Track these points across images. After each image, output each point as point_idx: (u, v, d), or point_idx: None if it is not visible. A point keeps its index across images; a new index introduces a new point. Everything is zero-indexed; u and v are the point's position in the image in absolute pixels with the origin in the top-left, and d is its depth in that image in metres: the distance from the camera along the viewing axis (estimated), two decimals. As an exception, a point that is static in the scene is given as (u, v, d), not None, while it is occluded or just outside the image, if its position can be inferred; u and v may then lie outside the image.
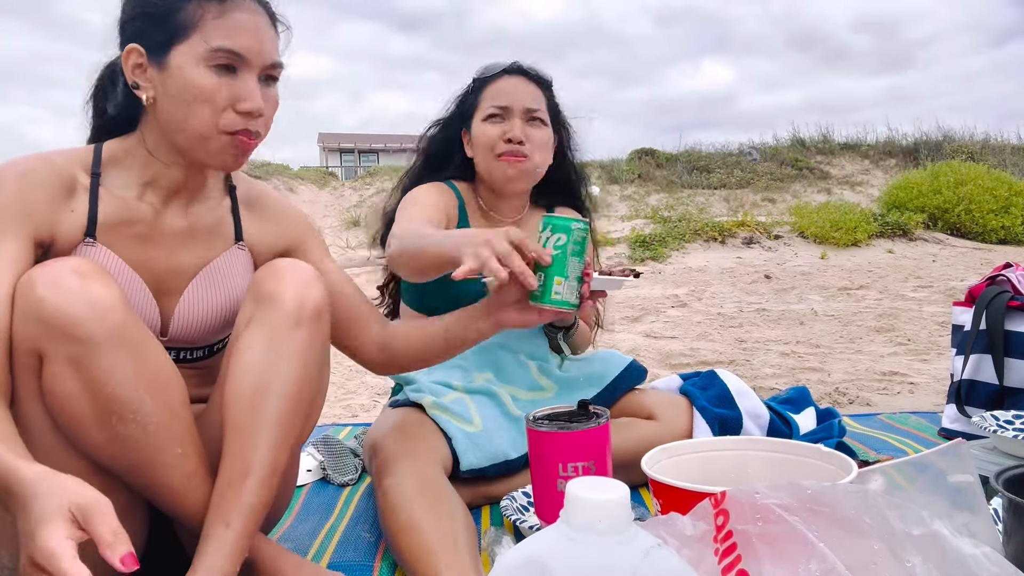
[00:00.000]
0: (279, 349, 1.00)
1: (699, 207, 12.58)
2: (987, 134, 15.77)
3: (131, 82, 1.02)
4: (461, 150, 1.59)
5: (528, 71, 1.58)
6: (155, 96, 1.01)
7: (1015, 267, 1.97)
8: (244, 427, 0.98)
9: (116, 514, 0.99)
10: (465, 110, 1.58)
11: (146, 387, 0.92)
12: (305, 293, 1.02)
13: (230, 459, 0.97)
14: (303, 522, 1.43)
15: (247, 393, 0.98)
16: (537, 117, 1.53)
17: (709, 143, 20.12)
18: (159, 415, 0.93)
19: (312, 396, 1.04)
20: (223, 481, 0.96)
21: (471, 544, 1.09)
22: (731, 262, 8.00)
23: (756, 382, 2.83)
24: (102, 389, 0.89)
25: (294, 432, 1.01)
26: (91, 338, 0.88)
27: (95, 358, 0.88)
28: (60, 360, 0.88)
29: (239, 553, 0.94)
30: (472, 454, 1.37)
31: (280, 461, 0.99)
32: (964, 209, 9.76)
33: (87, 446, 0.93)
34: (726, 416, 1.55)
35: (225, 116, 0.99)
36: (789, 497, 0.71)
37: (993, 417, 1.55)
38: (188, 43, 0.97)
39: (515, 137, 1.49)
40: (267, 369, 0.99)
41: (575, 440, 1.11)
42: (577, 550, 0.57)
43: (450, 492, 1.19)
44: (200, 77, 0.97)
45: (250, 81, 1.00)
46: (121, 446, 0.92)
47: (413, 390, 1.48)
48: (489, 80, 1.56)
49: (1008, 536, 0.89)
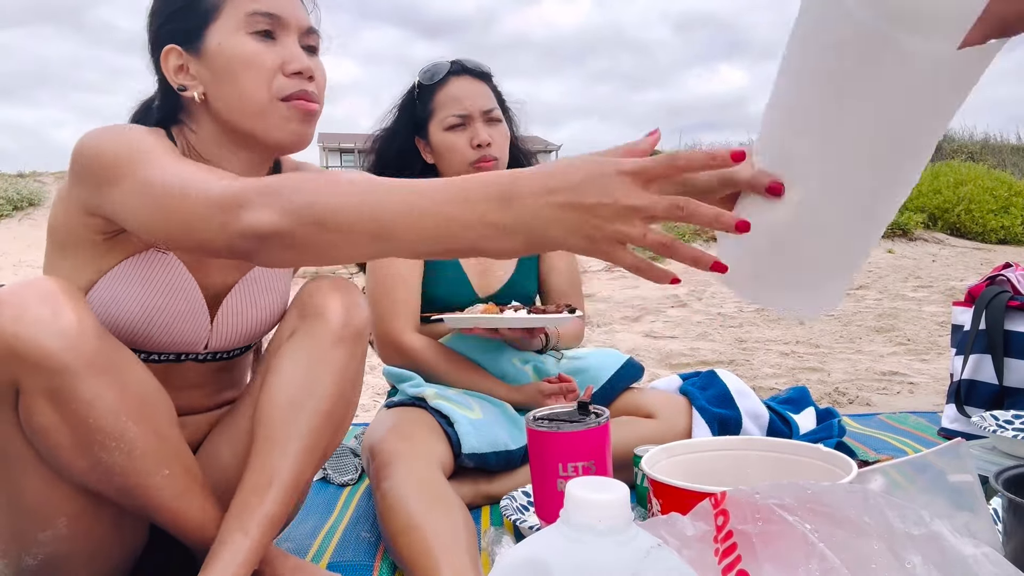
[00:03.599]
0: (319, 366, 0.99)
1: (699, 207, 12.56)
2: (987, 134, 15.77)
3: (177, 86, 0.99)
4: (418, 158, 1.58)
5: (472, 69, 1.58)
6: (204, 88, 0.98)
7: (1015, 267, 1.97)
8: (275, 438, 0.97)
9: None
10: (417, 119, 1.57)
11: (129, 413, 0.88)
12: (350, 312, 1.02)
13: (257, 468, 0.96)
14: (303, 522, 1.43)
15: (283, 405, 0.98)
16: (494, 117, 1.55)
17: (710, 143, 20.11)
18: (144, 439, 0.90)
19: (344, 412, 1.04)
20: (247, 489, 0.95)
21: (471, 544, 1.09)
22: (731, 262, 7.99)
23: (756, 382, 2.83)
24: (83, 420, 0.85)
25: (322, 447, 1.01)
26: (66, 368, 0.82)
27: (73, 389, 0.84)
28: (36, 393, 0.83)
29: (253, 564, 0.93)
30: (473, 438, 1.38)
31: (305, 475, 0.99)
32: (964, 209, 9.76)
33: (72, 474, 0.90)
34: (726, 416, 1.55)
35: (277, 81, 0.96)
36: (789, 497, 0.71)
37: (993, 417, 1.55)
38: (221, 19, 0.96)
39: (483, 141, 1.51)
40: (305, 384, 0.99)
41: (575, 440, 1.11)
42: (577, 550, 0.57)
43: (449, 492, 1.19)
44: (242, 44, 0.96)
45: (292, 45, 0.98)
46: (106, 473, 0.90)
47: (413, 386, 1.49)
48: (437, 85, 1.55)
49: (1008, 536, 0.89)
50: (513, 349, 1.59)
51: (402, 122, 1.60)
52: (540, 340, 1.59)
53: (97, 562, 1.00)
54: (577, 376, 1.58)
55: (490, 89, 1.59)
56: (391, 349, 1.52)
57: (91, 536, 0.96)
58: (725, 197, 0.75)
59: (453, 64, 1.58)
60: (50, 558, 0.95)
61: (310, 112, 0.99)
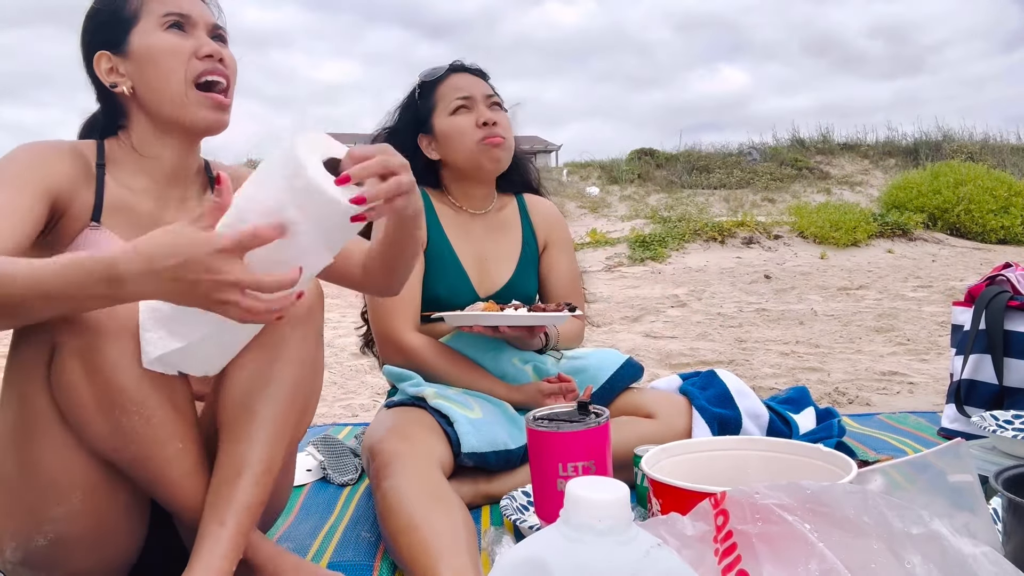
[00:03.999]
0: (273, 349, 1.01)
1: (699, 207, 12.58)
2: (987, 134, 15.78)
3: (109, 84, 1.10)
4: (419, 156, 1.60)
5: (470, 67, 1.64)
6: (132, 82, 1.10)
7: (1015, 267, 1.97)
8: (238, 426, 0.99)
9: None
10: (420, 115, 1.60)
11: (150, 380, 0.94)
12: None
13: (225, 458, 0.98)
14: (303, 522, 1.43)
15: (241, 392, 1.00)
16: (496, 102, 1.60)
17: (709, 143, 20.12)
18: (162, 409, 0.95)
19: (306, 394, 1.05)
20: (218, 479, 0.97)
21: (471, 544, 1.09)
22: (731, 262, 8.00)
23: (756, 382, 2.83)
24: (107, 379, 0.91)
25: (288, 430, 1.02)
26: (100, 327, 0.90)
27: (102, 346, 0.90)
28: (69, 351, 0.90)
29: (235, 552, 0.94)
30: (473, 437, 1.38)
31: (275, 459, 1.00)
32: (964, 209, 9.77)
33: (91, 437, 0.94)
34: (725, 416, 1.55)
35: (191, 64, 1.08)
36: (789, 497, 0.71)
37: (992, 417, 1.55)
38: (141, 23, 1.09)
39: (489, 120, 1.54)
40: (260, 370, 1.00)
41: (575, 440, 1.11)
42: (577, 550, 0.57)
43: (449, 492, 1.19)
44: (159, 38, 1.09)
45: (202, 36, 1.11)
46: (123, 438, 0.94)
47: (413, 385, 1.49)
48: (438, 81, 1.60)
49: (1008, 536, 0.90)
50: (513, 349, 1.59)
51: (404, 121, 1.63)
52: (540, 339, 1.59)
53: (103, 548, 1.01)
54: (577, 376, 1.58)
55: (488, 86, 1.63)
56: (391, 348, 1.52)
57: (101, 518, 0.99)
58: None
59: (453, 63, 1.63)
60: (59, 538, 0.97)
61: (220, 103, 1.11)
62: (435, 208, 1.60)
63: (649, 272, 7.51)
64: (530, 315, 1.40)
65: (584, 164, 14.72)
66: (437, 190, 1.64)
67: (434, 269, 1.57)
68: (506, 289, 1.62)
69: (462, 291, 1.57)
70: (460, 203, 1.63)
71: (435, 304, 1.55)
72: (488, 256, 1.63)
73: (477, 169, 1.57)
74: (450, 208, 1.63)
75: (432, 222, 1.58)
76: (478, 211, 1.65)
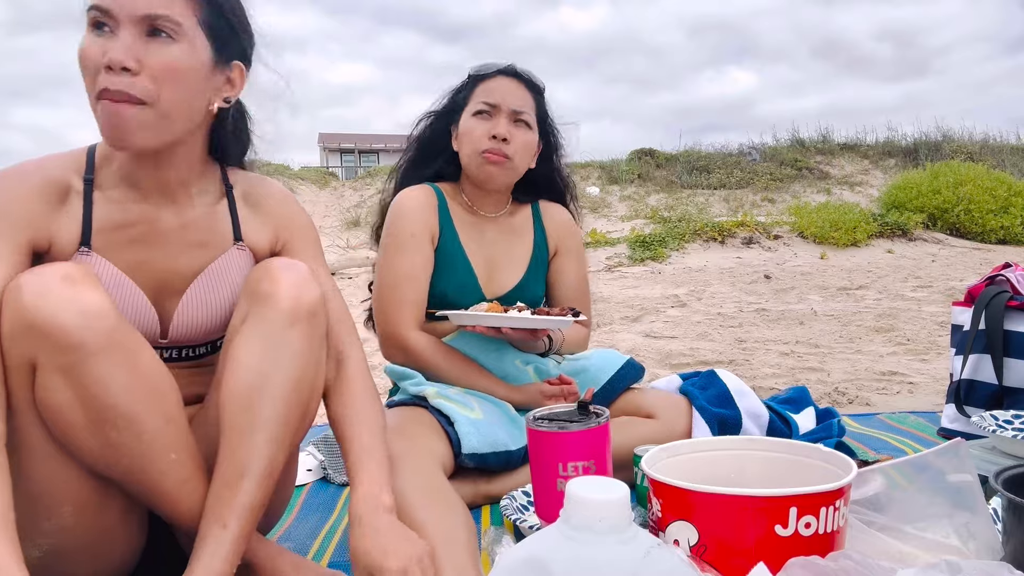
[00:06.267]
0: (274, 349, 0.99)
1: (699, 207, 12.58)
2: (987, 134, 15.78)
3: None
4: (448, 142, 1.62)
5: (521, 74, 1.60)
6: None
7: (1014, 267, 1.97)
8: (240, 427, 0.97)
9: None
10: (457, 104, 1.61)
11: (139, 395, 0.91)
12: (300, 292, 1.02)
13: (226, 459, 0.97)
14: (303, 522, 1.43)
15: (243, 393, 0.98)
16: (523, 119, 1.56)
17: (709, 143, 20.11)
18: (153, 422, 0.92)
19: (308, 395, 1.04)
20: (219, 482, 0.96)
21: (471, 543, 1.09)
22: (731, 262, 8.00)
23: (756, 382, 2.83)
24: (95, 398, 0.88)
25: (290, 432, 1.01)
26: (83, 346, 0.86)
27: (87, 367, 0.87)
28: (52, 369, 0.87)
29: (236, 554, 0.93)
30: (474, 438, 1.38)
31: (277, 461, 0.99)
32: (963, 209, 9.77)
33: (81, 454, 0.92)
34: (725, 416, 1.55)
35: (98, 77, 0.94)
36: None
37: (992, 417, 1.55)
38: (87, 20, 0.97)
39: (500, 134, 1.52)
40: (263, 369, 0.99)
41: (575, 440, 1.11)
42: (577, 550, 0.57)
43: (449, 492, 1.19)
44: (82, 42, 0.96)
45: (124, 36, 0.94)
46: (115, 453, 0.92)
47: (414, 384, 1.49)
48: (483, 78, 1.59)
49: (1007, 536, 0.90)
50: (515, 350, 1.59)
51: (446, 107, 1.64)
52: (543, 343, 1.59)
53: (101, 558, 1.00)
54: (577, 377, 1.58)
55: (532, 99, 1.60)
56: (394, 346, 1.52)
57: (95, 530, 0.97)
58: None
59: (507, 66, 1.60)
60: (54, 550, 0.96)
61: (121, 113, 0.95)
62: (449, 207, 1.60)
63: (649, 272, 7.51)
64: (533, 318, 1.40)
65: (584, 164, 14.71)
66: (455, 186, 1.64)
67: (443, 267, 1.57)
68: (514, 292, 1.62)
69: (469, 291, 1.57)
70: (473, 204, 1.63)
71: (442, 302, 1.55)
72: (498, 259, 1.63)
73: (471, 175, 1.58)
74: (463, 209, 1.62)
75: (445, 220, 1.58)
76: (490, 214, 1.64)
